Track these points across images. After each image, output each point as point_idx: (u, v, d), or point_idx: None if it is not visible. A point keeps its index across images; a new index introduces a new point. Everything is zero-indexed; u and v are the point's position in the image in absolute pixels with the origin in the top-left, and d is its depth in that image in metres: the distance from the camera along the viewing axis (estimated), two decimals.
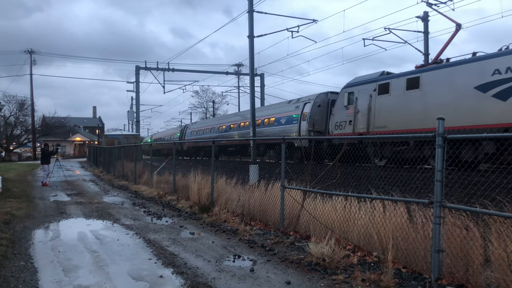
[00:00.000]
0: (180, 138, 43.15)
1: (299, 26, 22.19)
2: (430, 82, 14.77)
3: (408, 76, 15.72)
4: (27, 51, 48.18)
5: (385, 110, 16.38)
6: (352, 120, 17.94)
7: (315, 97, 21.69)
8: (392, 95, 16.23)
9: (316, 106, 21.33)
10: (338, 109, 19.02)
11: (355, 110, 17.80)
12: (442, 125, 4.43)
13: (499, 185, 5.18)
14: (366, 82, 17.73)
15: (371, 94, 17.07)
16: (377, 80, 17.14)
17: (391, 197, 5.58)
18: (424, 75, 15.07)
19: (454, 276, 4.31)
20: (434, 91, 14.56)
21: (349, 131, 17.93)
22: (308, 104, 21.85)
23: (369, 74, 18.40)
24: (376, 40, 25.30)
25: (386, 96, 16.50)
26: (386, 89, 16.52)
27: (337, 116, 19.07)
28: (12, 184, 16.45)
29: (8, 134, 57.94)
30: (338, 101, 19.29)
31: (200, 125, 42.01)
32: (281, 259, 5.53)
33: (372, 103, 17.00)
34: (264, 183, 8.41)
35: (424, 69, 15.45)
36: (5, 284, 4.60)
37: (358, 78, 18.73)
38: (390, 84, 16.38)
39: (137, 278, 4.85)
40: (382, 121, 16.42)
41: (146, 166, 17.50)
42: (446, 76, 14.30)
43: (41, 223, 8.40)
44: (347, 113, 18.30)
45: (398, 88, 15.96)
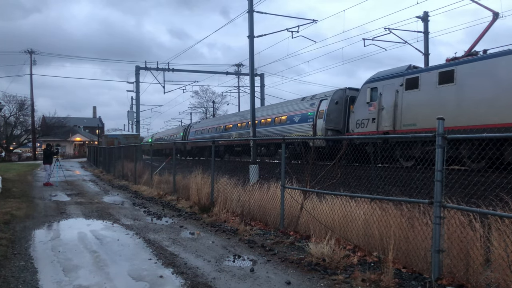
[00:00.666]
0: (183, 137, 42.08)
1: (299, 26, 22.19)
2: (466, 76, 13.61)
3: (441, 69, 14.55)
4: (27, 51, 48.18)
5: (414, 106, 15.20)
6: (375, 117, 16.81)
7: (332, 93, 20.38)
8: (422, 90, 15.05)
9: (334, 103, 20.02)
10: (360, 106, 17.87)
11: (379, 106, 16.67)
12: (442, 125, 4.42)
13: (499, 185, 5.18)
14: (391, 77, 16.55)
15: (397, 90, 15.95)
16: (404, 74, 15.98)
17: (391, 197, 5.59)
18: (459, 68, 13.88)
19: (454, 276, 4.31)
20: (472, 85, 13.36)
21: (372, 129, 16.82)
22: (324, 101, 20.57)
23: (394, 68, 17.29)
24: (376, 40, 25.34)
25: (415, 91, 15.32)
26: (415, 84, 15.38)
27: (358, 114, 17.90)
28: (12, 184, 16.45)
29: (8, 134, 57.93)
30: (359, 97, 18.04)
31: (204, 124, 40.73)
32: (281, 259, 5.53)
33: (398, 99, 15.87)
34: (264, 183, 8.41)
35: (459, 61, 14.26)
36: (5, 284, 4.60)
37: (381, 73, 17.62)
38: (420, 78, 15.21)
39: (137, 278, 4.85)
40: (411, 118, 15.23)
41: (146, 166, 17.50)
42: (486, 69, 13.11)
43: (41, 223, 8.40)
44: (370, 110, 17.13)
45: (429, 82, 14.80)
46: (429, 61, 25.69)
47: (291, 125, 22.88)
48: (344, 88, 20.47)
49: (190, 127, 42.86)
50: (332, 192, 6.60)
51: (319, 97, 21.38)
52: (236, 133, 29.51)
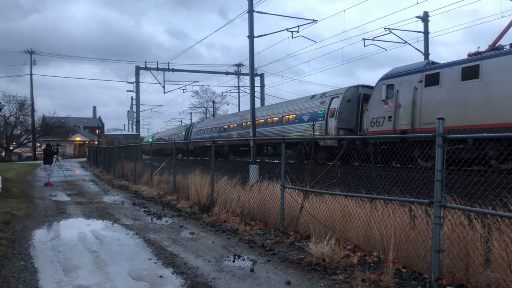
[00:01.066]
0: (186, 137, 41.20)
1: (299, 26, 22.20)
2: (494, 71, 12.87)
3: (464, 64, 13.79)
4: (27, 51, 48.17)
5: (434, 104, 14.45)
6: (392, 115, 16.10)
7: (345, 91, 19.60)
8: (443, 86, 14.28)
9: (346, 101, 19.22)
10: (375, 104, 17.12)
11: (396, 104, 15.98)
12: (442, 125, 4.42)
13: (499, 185, 5.18)
14: (409, 73, 15.83)
15: (415, 86, 15.25)
16: (423, 70, 15.24)
17: (391, 197, 5.59)
18: (485, 63, 13.14)
19: (454, 276, 4.31)
20: (501, 81, 12.57)
21: (389, 128, 16.12)
22: (336, 98, 19.75)
23: (411, 64, 16.56)
24: (376, 40, 25.36)
25: (435, 88, 14.56)
26: (435, 80, 14.62)
27: (373, 112, 17.15)
28: (12, 184, 16.44)
29: (8, 134, 57.96)
30: (374, 94, 17.29)
31: (207, 123, 39.49)
32: (281, 259, 5.53)
33: (417, 96, 15.15)
34: (264, 183, 8.41)
35: (485, 56, 13.53)
36: (5, 284, 4.60)
37: (397, 69, 16.90)
38: (441, 74, 14.44)
39: (137, 278, 4.85)
40: (431, 116, 14.31)
41: (146, 166, 17.50)
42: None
43: (41, 223, 8.40)
44: (386, 108, 16.43)
45: (451, 78, 14.06)
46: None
47: (300, 124, 22.08)
48: (357, 86, 19.71)
49: (193, 127, 42.02)
50: (332, 192, 6.59)
51: (330, 94, 20.61)
52: (240, 133, 28.66)
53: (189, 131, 41.38)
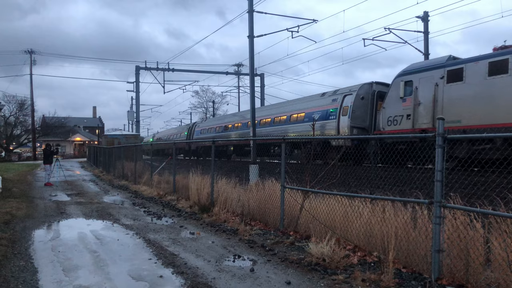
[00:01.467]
0: (188, 137, 40.38)
1: (299, 26, 22.22)
2: None
3: (491, 59, 13.06)
4: (27, 51, 48.22)
5: (458, 101, 13.75)
6: (411, 114, 15.39)
7: (358, 88, 18.88)
8: (468, 82, 13.55)
9: (359, 98, 18.48)
10: (392, 102, 16.39)
11: (415, 102, 15.26)
12: (442, 125, 4.43)
13: (499, 185, 5.18)
14: (429, 69, 15.09)
15: (437, 83, 14.51)
16: (445, 65, 14.50)
17: (391, 197, 5.58)
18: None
19: (454, 276, 4.31)
20: None
21: (407, 127, 15.41)
22: (349, 96, 19.00)
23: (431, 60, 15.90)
24: (376, 40, 25.38)
25: (459, 84, 13.82)
26: (458, 76, 13.88)
27: (390, 110, 16.40)
28: (12, 184, 16.44)
29: (8, 134, 57.94)
30: (391, 92, 16.55)
31: (210, 122, 38.29)
32: (281, 259, 5.53)
33: (438, 93, 14.41)
34: (264, 183, 8.40)
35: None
36: (5, 284, 4.60)
37: (416, 65, 16.19)
38: (465, 69, 13.68)
39: (137, 278, 4.85)
40: (454, 114, 13.75)
41: (146, 166, 17.50)
42: None
43: (41, 223, 8.40)
44: (404, 106, 15.69)
45: (477, 74, 13.29)
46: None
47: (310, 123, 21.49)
48: (371, 82, 19.08)
49: (195, 126, 41.16)
50: (332, 192, 6.59)
51: (342, 92, 19.89)
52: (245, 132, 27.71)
53: (192, 131, 40.63)
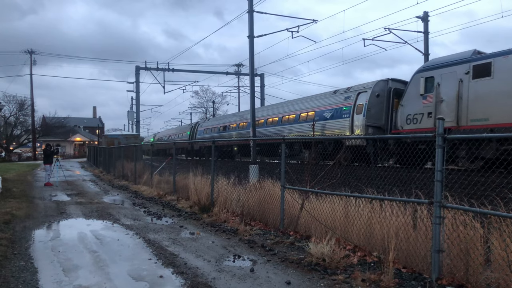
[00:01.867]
0: (191, 136, 39.36)
1: (299, 26, 22.23)
2: None
3: None
4: (27, 51, 48.21)
5: (485, 98, 12.96)
6: (432, 111, 14.62)
7: (373, 85, 18.05)
8: (497, 78, 12.75)
9: (375, 95, 17.67)
10: (411, 99, 15.60)
11: (437, 99, 14.49)
12: (442, 125, 4.43)
13: (499, 185, 5.18)
14: (452, 64, 14.33)
15: (461, 79, 13.72)
16: (470, 60, 13.72)
17: (391, 197, 5.58)
18: None
19: (454, 276, 4.31)
20: None
21: (429, 125, 14.59)
22: (363, 94, 18.23)
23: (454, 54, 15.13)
24: (376, 40, 25.40)
25: (486, 80, 13.06)
26: (486, 71, 13.10)
27: (409, 107, 15.62)
28: (12, 184, 16.44)
29: (8, 134, 57.96)
30: (410, 88, 15.78)
31: (215, 121, 37.07)
32: (281, 259, 5.53)
33: (463, 89, 13.60)
34: (264, 183, 8.41)
35: None
36: (5, 284, 4.60)
37: (437, 60, 15.36)
38: (493, 64, 12.89)
39: (137, 278, 4.85)
40: (481, 112, 13.02)
41: (146, 166, 17.50)
42: None
43: (41, 223, 8.40)
44: (425, 103, 14.93)
45: (507, 68, 12.53)
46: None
47: (320, 122, 20.49)
48: (386, 79, 18.35)
49: (198, 125, 40.07)
50: (332, 192, 6.59)
51: (356, 89, 19.07)
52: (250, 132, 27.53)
53: (195, 130, 39.67)
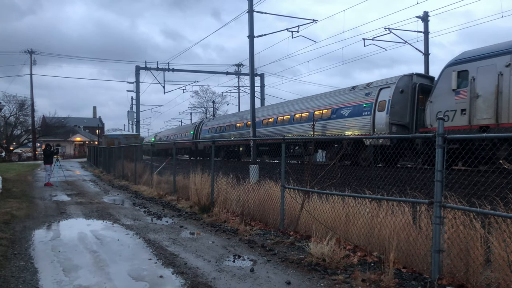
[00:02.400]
0: (194, 136, 38.17)
1: (299, 26, 22.23)
2: None
3: None
4: (27, 51, 48.19)
5: None
6: (466, 108, 13.60)
7: (397, 80, 16.93)
8: None
9: (399, 91, 16.61)
10: (441, 95, 14.53)
11: (472, 94, 13.49)
12: (442, 125, 4.42)
13: (499, 185, 5.18)
14: (490, 56, 13.31)
15: (501, 72, 12.79)
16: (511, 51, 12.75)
17: (391, 197, 5.58)
18: None
19: (454, 276, 4.31)
20: None
21: (462, 123, 13.66)
22: (386, 89, 17.11)
23: (491, 46, 14.13)
24: (376, 40, 25.41)
25: None
26: None
27: (439, 104, 14.56)
28: (12, 184, 16.44)
29: (8, 134, 57.98)
30: (440, 83, 14.68)
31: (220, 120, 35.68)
32: (281, 259, 5.53)
33: (503, 83, 12.67)
34: (264, 183, 8.41)
35: None
36: (5, 284, 4.60)
37: (471, 52, 14.21)
38: None
39: (137, 278, 4.85)
40: None
41: (146, 166, 17.50)
42: None
43: (41, 223, 8.40)
44: (458, 99, 13.90)
45: None
46: (429, 61, 25.74)
47: (337, 120, 19.44)
48: (411, 74, 17.24)
49: (202, 124, 38.78)
50: (332, 192, 6.59)
51: (377, 85, 17.95)
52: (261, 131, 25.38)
53: (199, 130, 38.37)
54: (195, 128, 39.87)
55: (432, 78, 17.46)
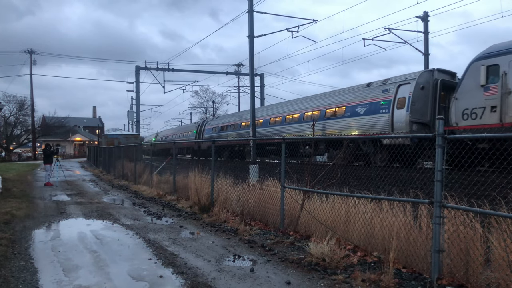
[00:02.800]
0: (197, 136, 37.41)
1: (299, 26, 22.24)
2: None
3: None
4: (27, 51, 48.19)
5: None
6: (496, 105, 12.78)
7: (418, 75, 16.13)
8: None
9: (419, 88, 15.81)
10: (468, 91, 13.73)
11: (503, 90, 12.62)
12: (442, 125, 4.42)
13: (499, 185, 5.18)
14: None
15: None
16: None
17: (391, 197, 5.58)
18: None
19: (454, 276, 4.31)
20: None
21: (493, 121, 12.82)
22: (405, 86, 16.26)
23: None
24: (376, 40, 25.43)
25: None
26: None
27: (465, 101, 13.72)
28: (12, 184, 16.44)
29: (8, 134, 57.98)
30: (467, 79, 13.85)
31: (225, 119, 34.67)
32: (281, 259, 5.53)
33: None
34: (264, 183, 8.41)
35: None
36: (5, 284, 4.60)
37: (501, 45, 13.32)
38: None
39: (137, 278, 4.85)
40: None
41: (146, 166, 17.50)
42: None
43: (41, 223, 8.39)
44: (487, 96, 13.10)
45: None
46: (429, 61, 25.76)
47: (352, 118, 18.63)
48: (432, 70, 16.60)
49: (206, 124, 37.98)
50: (332, 192, 6.59)
51: (395, 81, 17.12)
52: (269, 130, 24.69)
53: (201, 129, 37.59)
54: (198, 128, 39.12)
55: (453, 74, 16.79)
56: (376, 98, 17.59)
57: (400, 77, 17.18)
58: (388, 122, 16.50)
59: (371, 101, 17.80)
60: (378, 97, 17.51)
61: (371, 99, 17.84)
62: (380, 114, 17.04)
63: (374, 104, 17.53)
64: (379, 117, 17.09)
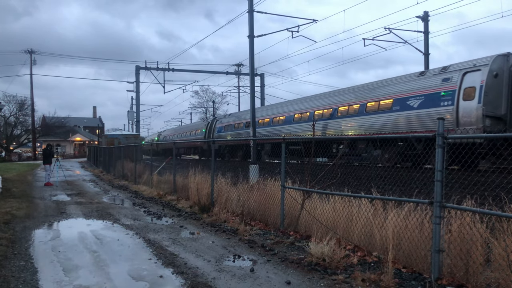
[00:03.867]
0: (207, 134, 35.27)
1: (299, 26, 22.24)
2: None
3: None
4: (27, 51, 48.19)
5: None
6: None
7: (491, 61, 13.52)
8: None
9: (492, 76, 13.34)
10: None
11: None
12: (442, 125, 4.42)
13: (499, 185, 5.18)
14: None
15: None
16: None
17: (391, 197, 5.58)
18: None
19: (454, 276, 4.31)
20: None
21: None
22: (473, 73, 13.75)
23: None
24: (376, 40, 25.42)
25: None
26: None
27: None
28: (12, 184, 16.44)
29: (8, 134, 57.99)
30: None
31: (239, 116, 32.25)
32: (281, 259, 5.53)
33: None
34: (264, 183, 8.40)
35: None
36: (5, 284, 4.60)
37: None
38: None
39: (137, 278, 4.85)
40: None
41: (146, 166, 17.50)
42: None
43: (41, 223, 8.39)
44: None
45: None
46: (429, 62, 25.75)
47: (403, 113, 15.95)
48: (506, 54, 13.93)
49: (216, 121, 35.48)
50: (332, 192, 6.59)
51: (459, 68, 14.54)
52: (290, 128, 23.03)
53: (212, 127, 35.13)
54: (208, 126, 36.62)
55: None
56: (434, 88, 14.99)
57: (464, 64, 14.70)
58: (452, 117, 14.07)
59: (427, 92, 15.20)
60: (436, 87, 14.90)
61: (428, 90, 15.23)
62: (441, 107, 14.49)
63: (432, 95, 14.94)
64: (440, 110, 14.46)
